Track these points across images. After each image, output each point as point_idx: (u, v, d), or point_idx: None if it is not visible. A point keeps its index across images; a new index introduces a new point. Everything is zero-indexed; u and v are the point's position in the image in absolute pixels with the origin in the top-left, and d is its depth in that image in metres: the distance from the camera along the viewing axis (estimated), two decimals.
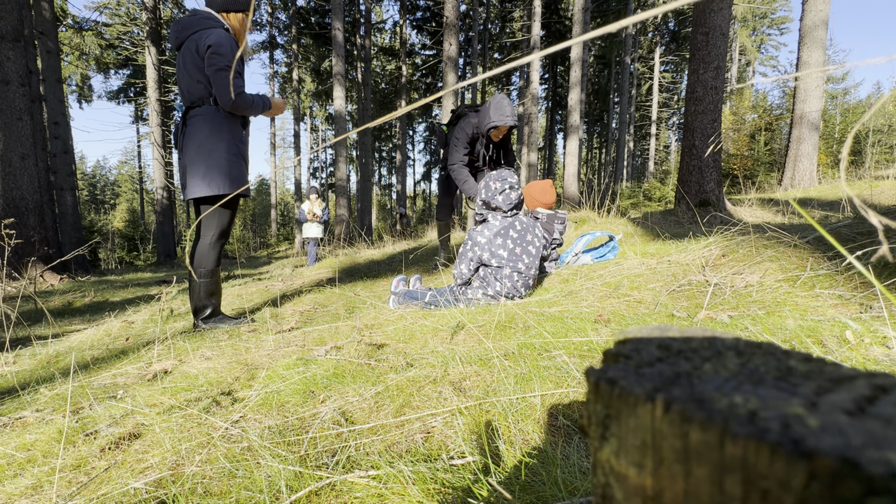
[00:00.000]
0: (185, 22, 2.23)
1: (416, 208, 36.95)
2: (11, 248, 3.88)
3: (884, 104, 14.86)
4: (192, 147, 2.20)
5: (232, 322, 2.36)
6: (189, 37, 2.20)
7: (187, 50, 2.19)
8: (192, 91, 2.21)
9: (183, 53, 2.22)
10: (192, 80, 2.19)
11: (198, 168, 2.19)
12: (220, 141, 2.22)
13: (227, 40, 2.15)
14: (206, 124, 2.21)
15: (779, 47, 26.87)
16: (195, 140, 2.20)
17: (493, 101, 3.15)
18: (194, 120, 2.22)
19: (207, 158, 2.20)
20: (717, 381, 0.23)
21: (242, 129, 2.34)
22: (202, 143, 2.20)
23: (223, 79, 2.13)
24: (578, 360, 1.32)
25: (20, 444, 1.15)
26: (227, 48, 2.14)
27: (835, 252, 1.85)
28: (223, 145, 2.22)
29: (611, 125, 25.23)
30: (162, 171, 12.62)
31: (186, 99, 2.24)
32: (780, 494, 0.17)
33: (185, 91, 2.23)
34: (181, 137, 2.27)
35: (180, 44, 2.24)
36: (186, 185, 2.23)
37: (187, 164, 2.21)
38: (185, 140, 2.23)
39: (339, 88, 11.23)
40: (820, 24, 7.80)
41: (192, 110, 2.24)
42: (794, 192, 7.06)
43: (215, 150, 2.21)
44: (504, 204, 2.22)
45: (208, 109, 2.22)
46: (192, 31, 2.20)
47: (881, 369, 1.09)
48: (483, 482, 0.81)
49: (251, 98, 2.25)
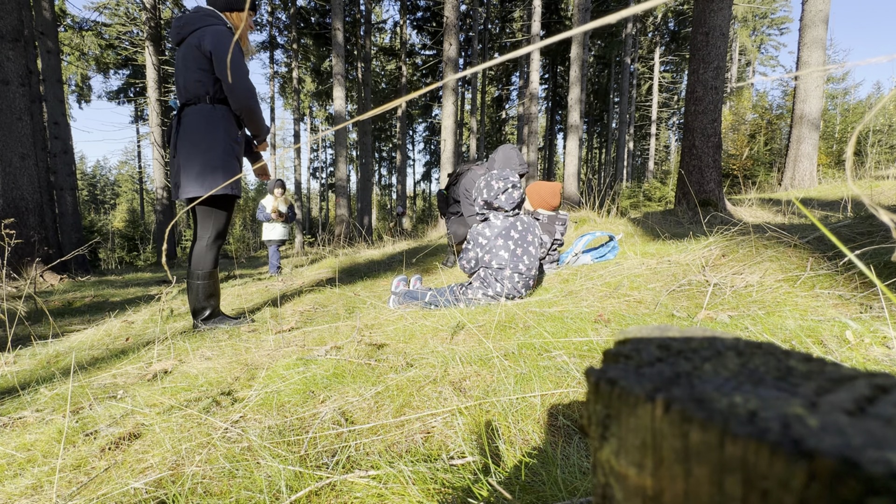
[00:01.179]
0: (186, 18, 2.22)
1: (415, 208, 36.96)
2: (11, 248, 3.88)
3: (884, 105, 14.84)
4: (185, 145, 2.18)
5: (232, 322, 2.36)
6: (191, 33, 2.19)
7: (188, 46, 2.17)
8: (189, 88, 2.19)
9: (183, 50, 2.20)
10: (191, 78, 2.17)
11: (192, 167, 2.16)
12: (216, 140, 2.19)
13: (228, 39, 2.15)
14: (202, 123, 2.18)
15: (779, 47, 26.86)
16: (190, 138, 2.17)
17: (501, 152, 3.04)
18: (189, 118, 2.19)
19: (202, 157, 2.16)
20: (717, 381, 0.23)
21: (238, 129, 2.32)
22: (197, 141, 2.17)
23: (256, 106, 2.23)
24: (578, 360, 1.32)
25: (20, 444, 1.15)
26: (239, 55, 2.18)
27: (835, 252, 1.85)
28: (219, 144, 2.20)
29: (611, 125, 25.22)
30: (162, 171, 12.62)
31: (182, 95, 2.22)
32: (780, 494, 0.17)
33: (182, 88, 2.21)
34: (174, 135, 2.23)
35: (181, 40, 2.23)
36: (180, 183, 2.20)
37: (181, 162, 2.18)
38: (179, 137, 2.20)
39: (339, 88, 11.23)
40: (820, 24, 7.80)
41: (187, 107, 2.21)
42: (795, 193, 7.06)
43: (211, 150, 2.18)
44: (507, 203, 2.22)
45: (204, 108, 2.20)
46: (194, 27, 2.19)
47: (881, 369, 1.09)
48: (483, 482, 0.81)
49: (259, 112, 2.29)
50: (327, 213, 32.85)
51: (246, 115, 2.24)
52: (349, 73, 20.23)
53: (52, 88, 9.06)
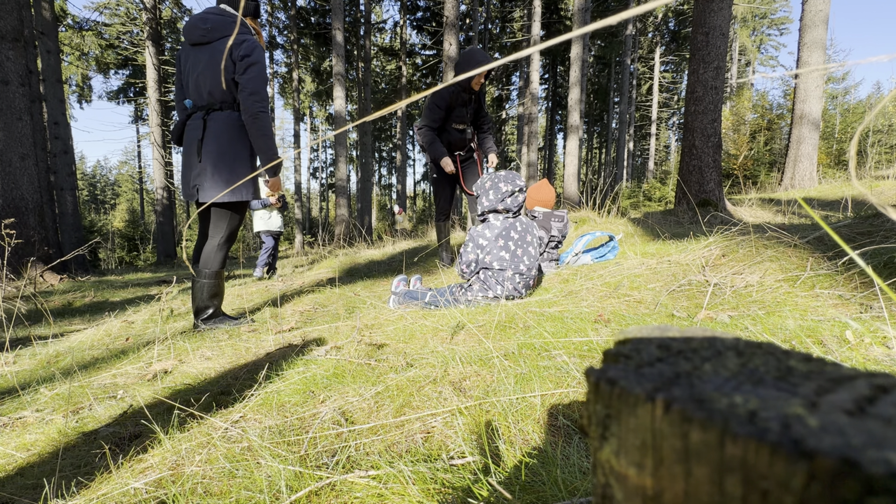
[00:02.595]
0: (213, 22, 2.20)
1: (416, 208, 36.92)
2: (11, 248, 3.89)
3: (884, 105, 14.84)
4: (213, 151, 2.20)
5: (232, 322, 2.36)
6: (220, 38, 2.20)
7: (215, 51, 2.18)
8: (216, 94, 2.20)
9: (210, 53, 2.19)
10: (217, 83, 2.18)
11: (221, 173, 2.20)
12: (244, 149, 2.26)
13: (260, 54, 2.18)
14: (233, 131, 2.22)
15: (779, 47, 26.84)
16: (219, 145, 2.20)
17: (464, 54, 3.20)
18: (217, 124, 2.21)
19: (231, 164, 2.21)
20: (717, 381, 0.23)
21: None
22: (226, 149, 2.21)
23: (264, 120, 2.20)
24: (578, 360, 1.32)
25: (20, 444, 1.15)
26: (264, 64, 2.19)
27: (835, 252, 1.85)
28: (246, 153, 2.27)
29: (611, 125, 25.22)
30: (162, 171, 12.62)
31: (205, 99, 2.23)
32: (780, 494, 0.17)
33: (207, 92, 2.21)
34: (198, 137, 2.22)
35: (206, 42, 2.22)
36: (201, 186, 2.21)
37: (209, 167, 2.20)
38: (205, 142, 2.21)
39: (339, 88, 11.23)
40: (820, 25, 7.80)
41: (213, 112, 2.23)
42: (795, 193, 7.06)
43: (238, 159, 2.24)
44: (513, 205, 2.24)
45: (233, 115, 2.23)
46: (225, 33, 2.20)
47: (881, 369, 1.09)
48: (483, 482, 0.81)
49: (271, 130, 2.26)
50: (327, 214, 32.83)
51: (255, 125, 2.19)
52: (349, 73, 20.23)
53: (52, 88, 9.07)
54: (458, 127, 3.44)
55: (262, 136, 2.21)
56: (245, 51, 2.13)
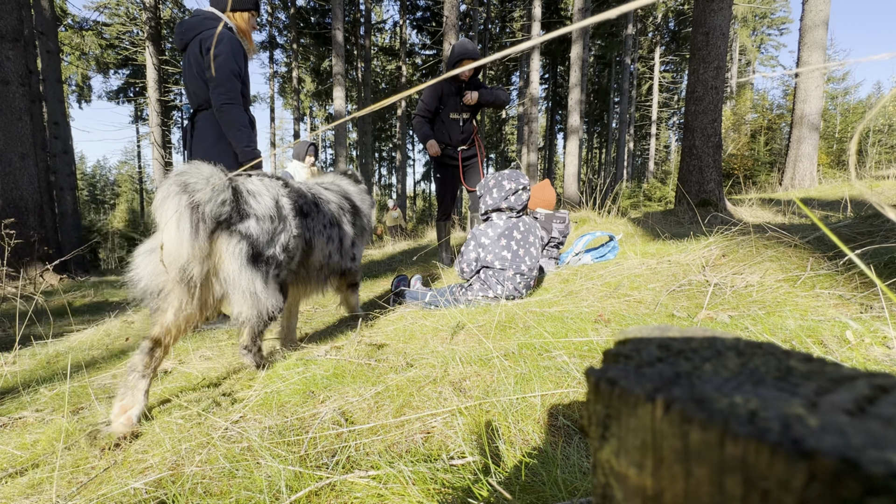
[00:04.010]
0: (189, 23, 2.23)
1: (415, 208, 36.91)
2: (11, 248, 3.88)
3: (884, 104, 14.83)
4: (201, 151, 2.22)
5: (231, 322, 2.36)
6: (193, 38, 2.20)
7: (192, 52, 2.19)
8: (199, 94, 2.22)
9: (188, 56, 2.21)
10: (198, 83, 2.19)
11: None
12: (228, 146, 2.25)
13: (222, 38, 2.13)
14: (212, 130, 2.22)
15: (779, 47, 26.83)
16: (203, 146, 2.22)
17: (453, 47, 3.29)
18: (200, 124, 2.24)
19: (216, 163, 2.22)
20: (717, 382, 0.23)
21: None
22: (210, 148, 2.22)
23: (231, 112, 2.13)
24: (578, 360, 1.32)
25: (20, 444, 1.15)
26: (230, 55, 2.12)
27: (835, 252, 1.85)
28: (230, 151, 2.25)
29: (611, 125, 25.21)
30: (162, 171, 12.61)
31: (193, 101, 2.25)
32: (780, 494, 0.17)
33: (192, 93, 2.24)
34: (189, 140, 2.29)
35: (185, 45, 2.24)
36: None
37: None
38: (194, 143, 2.24)
39: (339, 88, 11.23)
40: (820, 24, 7.80)
41: (199, 113, 2.25)
42: (795, 193, 7.05)
43: (223, 157, 2.22)
44: (517, 204, 2.24)
45: (212, 114, 2.23)
46: (196, 32, 2.20)
47: (881, 369, 1.09)
48: (483, 482, 0.81)
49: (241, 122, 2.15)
50: None
51: (222, 119, 2.14)
52: (349, 73, 20.22)
53: (52, 88, 9.06)
54: (454, 116, 3.43)
55: (231, 129, 2.15)
56: (208, 43, 2.12)
